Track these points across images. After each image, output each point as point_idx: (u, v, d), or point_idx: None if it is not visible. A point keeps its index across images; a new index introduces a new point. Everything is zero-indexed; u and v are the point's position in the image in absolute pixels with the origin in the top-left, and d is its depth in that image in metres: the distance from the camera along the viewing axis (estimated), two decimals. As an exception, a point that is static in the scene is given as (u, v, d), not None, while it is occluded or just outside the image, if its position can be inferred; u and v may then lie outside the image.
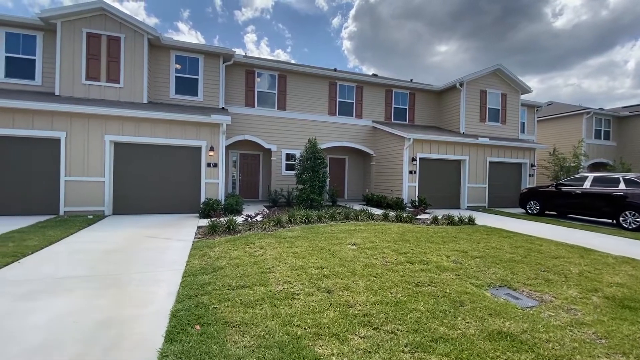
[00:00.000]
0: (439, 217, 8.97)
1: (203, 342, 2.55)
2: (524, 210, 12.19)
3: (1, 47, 9.50)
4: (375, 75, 15.86)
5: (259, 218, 8.14)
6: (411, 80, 16.16)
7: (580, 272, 4.78)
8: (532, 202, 11.68)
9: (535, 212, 11.51)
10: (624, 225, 9.04)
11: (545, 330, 2.92)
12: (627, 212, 9.06)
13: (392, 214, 9.22)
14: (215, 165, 9.85)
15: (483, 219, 9.80)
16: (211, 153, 9.75)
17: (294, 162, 13.25)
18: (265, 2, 60.12)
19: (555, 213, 11.58)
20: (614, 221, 9.46)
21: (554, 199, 11.06)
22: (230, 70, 12.54)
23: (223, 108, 12.00)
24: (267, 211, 9.46)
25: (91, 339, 2.61)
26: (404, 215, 8.96)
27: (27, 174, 8.40)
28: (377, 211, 10.31)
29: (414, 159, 12.05)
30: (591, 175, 10.43)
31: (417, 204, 11.58)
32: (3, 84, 9.59)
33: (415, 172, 12.13)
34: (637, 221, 8.79)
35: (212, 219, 7.25)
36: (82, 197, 8.66)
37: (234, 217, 7.45)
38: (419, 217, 9.44)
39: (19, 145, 8.33)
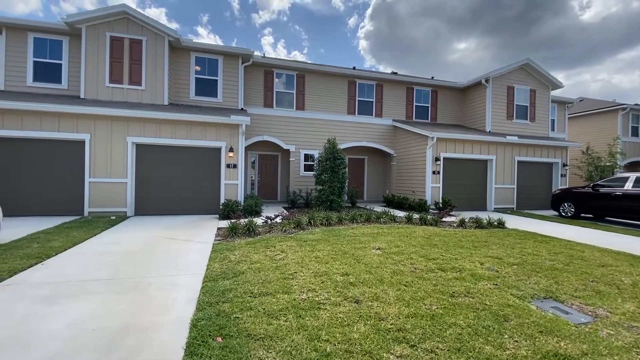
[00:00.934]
0: (466, 220, 8.52)
1: (225, 357, 2.35)
2: (556, 213, 11.47)
3: (29, 52, 9.82)
4: (395, 73, 15.43)
5: (278, 220, 7.98)
6: (432, 77, 15.65)
7: (633, 282, 4.31)
8: (566, 204, 10.96)
9: (569, 214, 10.79)
10: (673, 229, 8.30)
11: (608, 353, 2.56)
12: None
13: (415, 216, 8.84)
14: (235, 166, 9.78)
15: (513, 222, 9.26)
16: (230, 154, 9.69)
17: (312, 163, 13.07)
18: (282, 5, 60.48)
19: (591, 216, 10.82)
20: (661, 225, 8.71)
21: (591, 201, 10.33)
22: (249, 71, 12.49)
23: (242, 109, 11.96)
24: (286, 212, 9.29)
25: (109, 349, 2.47)
26: (429, 217, 8.56)
27: (53, 176, 8.59)
28: (399, 213, 9.93)
29: (437, 159, 11.57)
30: (633, 176, 9.66)
31: (441, 205, 11.12)
32: (31, 88, 9.90)
33: (439, 173, 11.65)
34: (689, 225, 8.03)
35: (232, 221, 7.14)
36: (106, 198, 8.78)
37: (254, 219, 7.31)
38: (444, 219, 9.01)
39: (46, 147, 8.53)
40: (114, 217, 8.49)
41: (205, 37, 65.43)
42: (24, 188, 8.40)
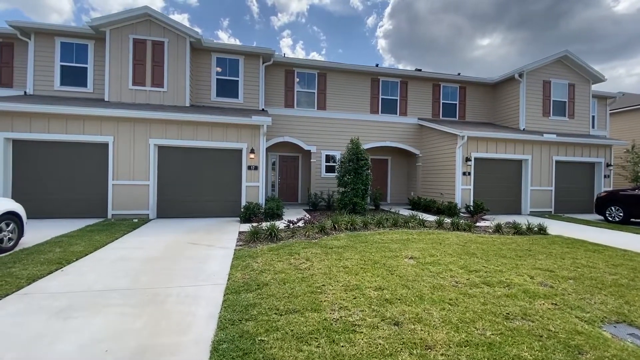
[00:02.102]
0: (503, 225, 7.87)
1: (250, 394, 2.01)
2: (601, 217, 10.51)
3: (56, 57, 10.00)
4: (419, 70, 14.80)
5: (301, 224, 7.65)
6: (458, 74, 14.88)
7: None
8: (613, 208, 10.01)
9: (617, 219, 9.84)
10: None
11: None
12: None
13: (447, 220, 8.26)
14: (256, 167, 9.55)
15: (555, 227, 8.49)
16: (252, 155, 9.46)
17: (334, 164, 12.68)
18: (301, 7, 60.32)
19: (640, 221, 9.83)
20: None
21: (643, 205, 9.37)
22: (269, 71, 12.28)
23: (263, 109, 11.75)
24: (308, 216, 8.96)
25: (121, 378, 2.19)
26: (461, 222, 7.97)
27: (78, 178, 8.65)
28: (428, 217, 9.35)
29: (468, 159, 10.88)
30: (694, 177, 8.65)
31: (472, 209, 10.42)
32: (58, 92, 10.08)
33: (469, 174, 10.95)
34: None
35: (253, 225, 6.88)
36: (129, 201, 8.75)
37: (275, 223, 7.01)
38: (478, 224, 8.39)
39: (71, 149, 8.60)
40: (136, 220, 8.44)
41: (226, 40, 66.36)
42: (50, 190, 8.49)
